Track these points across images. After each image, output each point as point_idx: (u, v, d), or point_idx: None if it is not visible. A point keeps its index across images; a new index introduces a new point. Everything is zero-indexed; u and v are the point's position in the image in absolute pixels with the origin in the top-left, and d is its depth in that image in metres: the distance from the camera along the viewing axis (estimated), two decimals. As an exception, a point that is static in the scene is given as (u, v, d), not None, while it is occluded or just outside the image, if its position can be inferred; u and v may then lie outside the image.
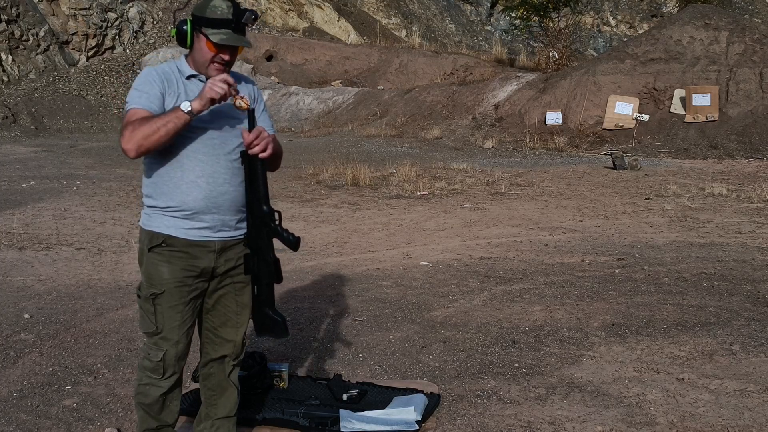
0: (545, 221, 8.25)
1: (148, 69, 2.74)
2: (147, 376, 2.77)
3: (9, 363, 4.06)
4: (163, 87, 2.65)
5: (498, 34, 27.17)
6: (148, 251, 2.69)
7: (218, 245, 2.72)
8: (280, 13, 24.76)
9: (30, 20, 19.65)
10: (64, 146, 15.18)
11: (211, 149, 2.67)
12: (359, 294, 5.42)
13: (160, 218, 2.68)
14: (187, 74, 2.71)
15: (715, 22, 16.08)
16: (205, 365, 2.89)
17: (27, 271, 6.04)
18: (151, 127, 2.52)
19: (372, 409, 3.30)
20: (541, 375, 3.87)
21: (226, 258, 2.75)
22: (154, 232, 2.68)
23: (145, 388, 2.78)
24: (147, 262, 2.71)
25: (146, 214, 2.74)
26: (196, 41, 2.67)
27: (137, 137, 2.52)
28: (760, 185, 10.20)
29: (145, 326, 2.75)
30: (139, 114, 2.57)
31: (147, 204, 2.73)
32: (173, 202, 2.65)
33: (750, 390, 3.62)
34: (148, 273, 2.70)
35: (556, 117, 15.68)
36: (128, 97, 2.67)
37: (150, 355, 2.75)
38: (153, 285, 2.69)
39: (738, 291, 5.38)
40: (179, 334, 2.74)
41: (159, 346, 2.73)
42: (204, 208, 2.66)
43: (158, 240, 2.67)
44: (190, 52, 2.72)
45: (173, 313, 2.71)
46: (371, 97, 19.06)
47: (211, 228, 2.69)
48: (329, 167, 11.38)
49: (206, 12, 2.61)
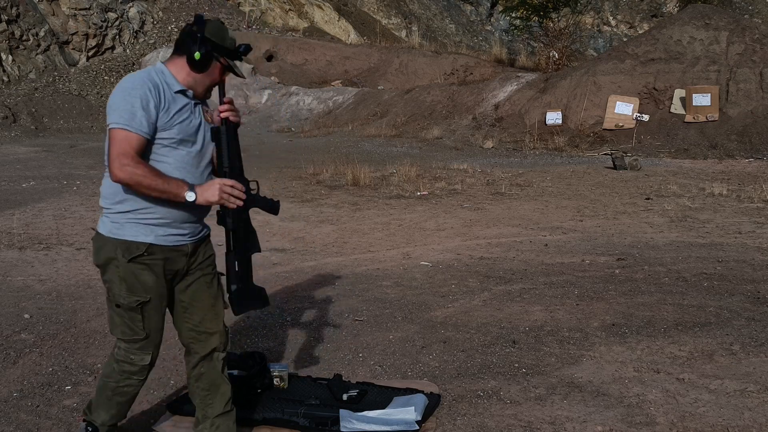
0: (545, 221, 8.25)
1: (141, 78, 2.70)
2: (127, 378, 2.84)
3: (9, 363, 4.06)
4: (157, 101, 2.67)
5: (498, 34, 27.18)
6: (127, 261, 2.70)
7: (191, 248, 2.84)
8: (280, 13, 24.77)
9: (30, 20, 19.66)
10: (65, 146, 15.19)
11: (194, 161, 2.77)
12: (359, 294, 5.42)
13: (135, 226, 2.71)
14: (176, 89, 2.75)
15: (715, 22, 16.08)
16: (195, 366, 2.92)
17: (27, 271, 6.04)
18: (151, 185, 2.61)
19: (372, 409, 3.29)
20: (541, 375, 3.87)
21: (196, 256, 2.86)
22: (132, 241, 2.70)
23: (123, 389, 2.86)
24: (125, 271, 2.71)
25: (114, 222, 2.73)
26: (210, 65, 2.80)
27: (134, 179, 2.59)
28: (760, 185, 10.20)
29: (128, 333, 2.78)
30: (133, 142, 2.60)
31: (117, 210, 2.72)
32: (154, 211, 2.71)
33: (750, 390, 3.62)
34: (130, 282, 2.72)
35: (556, 117, 15.68)
36: (118, 103, 2.63)
37: (134, 359, 2.81)
38: (137, 293, 2.73)
39: (738, 291, 5.38)
40: (161, 335, 2.87)
41: (145, 350, 2.81)
42: (185, 218, 2.77)
43: (139, 249, 2.71)
44: (191, 71, 2.76)
45: (158, 317, 2.81)
46: (371, 97, 19.06)
47: (186, 234, 2.80)
48: (329, 167, 11.38)
49: (225, 42, 2.79)
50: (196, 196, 2.68)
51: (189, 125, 2.74)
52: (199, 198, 2.69)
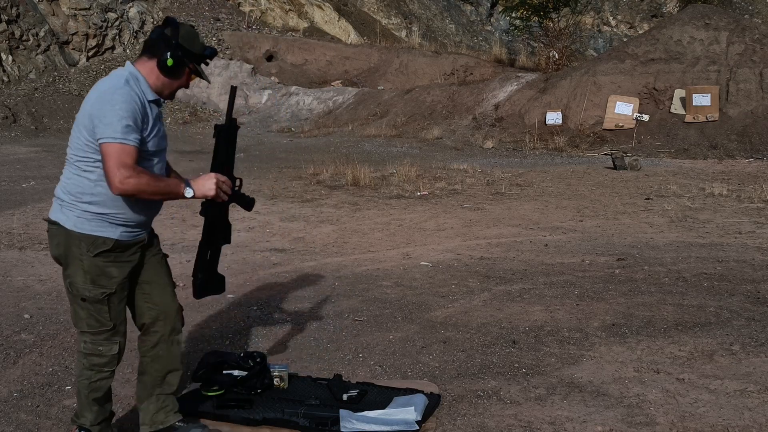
0: (545, 221, 8.25)
1: (127, 91, 2.75)
2: (99, 371, 2.92)
3: (9, 363, 4.06)
4: (142, 117, 2.77)
5: (498, 34, 27.18)
6: (93, 256, 2.79)
7: (146, 237, 2.99)
8: (280, 14, 24.76)
9: (30, 20, 19.66)
10: (65, 146, 15.12)
11: (159, 167, 2.91)
12: (359, 294, 5.42)
13: (103, 224, 2.81)
14: (150, 98, 2.85)
15: (715, 22, 16.08)
16: (154, 347, 3.05)
17: (27, 271, 6.04)
18: (153, 191, 2.76)
19: (372, 409, 3.29)
20: (541, 375, 3.87)
21: (150, 243, 3.03)
22: (100, 236, 2.80)
23: (97, 384, 2.93)
24: (90, 265, 2.80)
25: (80, 216, 2.81)
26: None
27: (138, 188, 2.70)
28: (760, 185, 10.20)
29: (94, 326, 2.87)
30: (133, 153, 2.70)
31: (84, 208, 2.80)
32: (123, 213, 2.83)
33: (750, 390, 3.62)
34: (95, 275, 2.82)
35: (556, 117, 15.68)
36: (109, 117, 2.68)
37: (102, 350, 2.90)
38: (103, 286, 2.83)
39: (738, 291, 5.38)
40: (126, 325, 2.98)
41: (112, 341, 2.91)
42: (148, 218, 2.96)
43: (107, 245, 2.81)
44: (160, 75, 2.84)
45: (122, 307, 2.94)
46: (371, 97, 19.06)
47: (145, 228, 2.97)
48: (329, 167, 11.38)
49: (195, 47, 2.86)
50: (194, 192, 2.85)
51: (159, 135, 2.88)
52: (197, 193, 2.86)
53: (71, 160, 2.84)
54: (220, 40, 21.84)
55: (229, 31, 22.43)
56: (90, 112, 2.74)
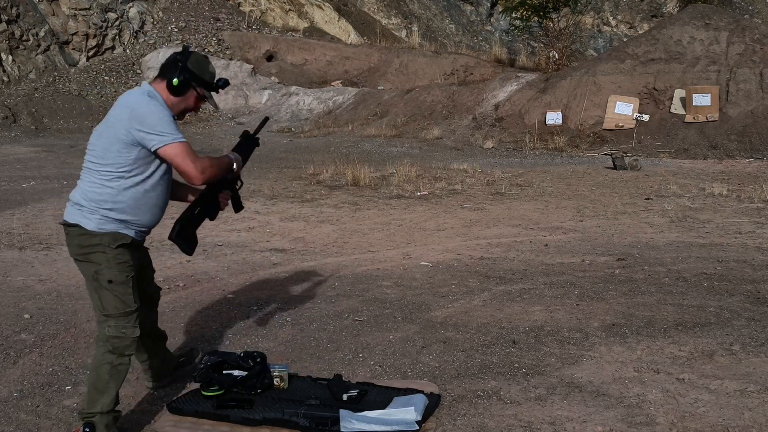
0: (545, 221, 8.25)
1: (155, 102, 3.11)
2: (120, 355, 3.12)
3: (9, 363, 4.06)
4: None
5: (498, 34, 27.19)
6: (115, 248, 3.11)
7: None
8: (280, 14, 24.77)
9: (30, 20, 19.66)
10: (65, 146, 15.18)
11: (167, 181, 3.26)
12: (359, 294, 5.42)
13: (121, 226, 3.14)
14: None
15: (715, 22, 16.08)
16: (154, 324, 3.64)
17: (27, 271, 6.04)
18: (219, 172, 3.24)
19: (372, 409, 3.30)
20: (541, 375, 3.87)
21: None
22: (120, 233, 3.13)
23: (118, 368, 3.13)
24: (113, 256, 3.12)
25: (102, 219, 3.10)
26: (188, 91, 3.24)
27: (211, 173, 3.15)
28: (760, 185, 10.20)
29: (121, 308, 3.12)
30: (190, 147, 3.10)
31: (106, 215, 3.10)
32: (139, 220, 3.17)
33: (750, 390, 3.62)
34: (119, 262, 3.13)
35: (556, 117, 15.68)
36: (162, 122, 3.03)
37: (126, 332, 3.13)
38: (126, 270, 3.14)
39: (738, 291, 5.38)
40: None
41: (134, 322, 3.16)
42: (156, 224, 3.31)
43: (125, 239, 3.15)
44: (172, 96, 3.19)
45: (136, 290, 3.22)
46: (371, 97, 19.07)
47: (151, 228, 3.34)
48: (329, 167, 11.38)
49: (204, 75, 3.23)
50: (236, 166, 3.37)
51: None
52: (237, 168, 3.38)
53: (93, 168, 3.11)
54: (220, 40, 21.85)
55: (229, 31, 22.42)
56: (128, 127, 3.02)
